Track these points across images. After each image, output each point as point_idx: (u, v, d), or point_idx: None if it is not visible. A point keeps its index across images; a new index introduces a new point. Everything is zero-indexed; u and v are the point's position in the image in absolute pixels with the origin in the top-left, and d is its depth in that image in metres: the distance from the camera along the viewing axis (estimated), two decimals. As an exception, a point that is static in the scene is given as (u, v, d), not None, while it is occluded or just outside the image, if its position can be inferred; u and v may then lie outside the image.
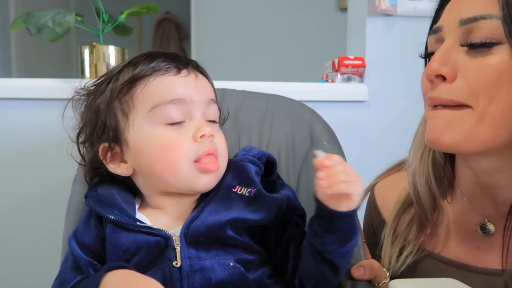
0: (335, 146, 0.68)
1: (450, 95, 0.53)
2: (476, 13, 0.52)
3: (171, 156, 0.55)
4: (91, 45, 0.98)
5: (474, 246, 0.62)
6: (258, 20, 2.40)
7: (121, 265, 0.50)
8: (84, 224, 0.58)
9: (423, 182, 0.64)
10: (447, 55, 0.53)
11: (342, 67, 1.12)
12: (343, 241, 0.52)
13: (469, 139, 0.52)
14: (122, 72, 0.59)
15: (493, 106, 0.51)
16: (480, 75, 0.51)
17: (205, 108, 0.59)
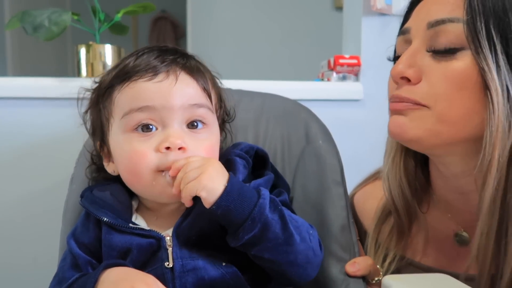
0: (330, 144, 0.69)
1: (410, 95, 0.55)
2: (444, 15, 0.53)
3: (134, 166, 0.54)
4: (88, 44, 0.98)
5: (453, 253, 0.63)
6: (254, 18, 2.40)
7: (119, 262, 0.51)
8: (82, 224, 0.59)
9: (396, 185, 0.65)
10: (413, 58, 0.55)
11: (337, 66, 1.13)
12: (238, 235, 0.50)
13: (430, 136, 0.54)
14: (108, 74, 0.59)
15: (454, 110, 0.52)
16: (443, 79, 0.53)
17: (186, 114, 0.55)
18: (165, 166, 0.53)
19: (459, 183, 0.60)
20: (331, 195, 0.64)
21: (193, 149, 0.55)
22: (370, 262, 0.60)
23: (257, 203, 0.50)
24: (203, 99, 0.58)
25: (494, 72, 0.50)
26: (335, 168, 0.66)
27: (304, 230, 0.54)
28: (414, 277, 0.52)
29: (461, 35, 0.52)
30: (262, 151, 0.64)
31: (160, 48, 0.59)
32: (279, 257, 0.51)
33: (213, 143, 0.59)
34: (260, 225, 0.50)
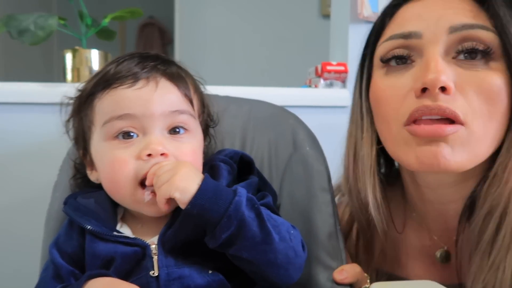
0: (317, 151, 0.69)
1: (454, 108, 0.49)
2: (470, 21, 0.50)
3: (114, 175, 0.54)
4: (74, 49, 0.97)
5: (437, 266, 0.63)
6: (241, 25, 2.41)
7: (102, 272, 0.50)
8: (65, 232, 0.58)
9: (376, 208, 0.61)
10: (443, 65, 0.50)
11: (325, 72, 1.14)
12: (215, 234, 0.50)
13: (470, 160, 0.51)
14: (90, 81, 0.59)
15: (489, 126, 0.50)
16: (480, 92, 0.49)
17: (168, 120, 0.55)
18: (144, 172, 0.53)
19: (443, 194, 0.60)
20: (318, 202, 0.64)
21: (176, 155, 0.55)
22: (358, 269, 0.59)
23: (232, 200, 0.50)
24: (184, 105, 0.57)
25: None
26: (322, 175, 0.66)
27: (284, 230, 0.53)
28: (402, 284, 0.53)
29: (492, 44, 0.50)
30: (247, 157, 0.64)
31: (141, 54, 0.59)
32: (257, 256, 0.51)
33: (196, 148, 0.58)
34: (237, 222, 0.49)
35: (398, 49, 0.55)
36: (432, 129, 0.49)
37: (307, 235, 0.62)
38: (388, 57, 0.56)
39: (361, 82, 0.62)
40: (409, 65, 0.54)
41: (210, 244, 0.51)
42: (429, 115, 0.50)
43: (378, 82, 0.58)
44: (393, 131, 0.54)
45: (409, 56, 0.54)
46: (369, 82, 0.60)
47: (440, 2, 0.54)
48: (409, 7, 0.56)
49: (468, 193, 0.56)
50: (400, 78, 0.54)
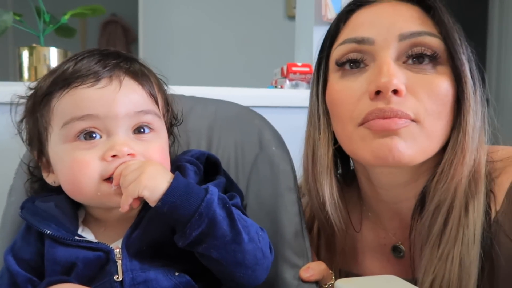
0: (283, 151, 0.70)
1: (404, 108, 0.52)
2: (419, 29, 0.55)
3: (75, 177, 0.52)
4: (31, 46, 0.93)
5: (392, 262, 0.65)
6: (207, 25, 2.40)
7: (63, 278, 0.48)
8: (22, 238, 0.55)
9: (334, 207, 0.63)
10: (395, 69, 0.53)
11: (290, 73, 1.15)
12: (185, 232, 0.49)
13: (419, 154, 0.54)
14: (45, 80, 0.55)
15: (438, 124, 0.54)
16: (429, 94, 0.53)
17: (132, 121, 0.53)
18: (109, 173, 0.51)
19: (396, 193, 0.62)
20: (284, 201, 0.64)
21: (143, 155, 0.53)
22: (323, 267, 0.61)
23: (204, 198, 0.50)
24: (149, 105, 0.56)
25: (470, 86, 0.54)
26: (288, 175, 0.67)
27: (253, 231, 0.53)
28: (364, 280, 0.54)
29: (438, 49, 0.54)
30: (214, 157, 0.64)
31: (101, 52, 0.56)
32: (226, 256, 0.51)
33: (163, 146, 0.57)
34: (208, 220, 0.49)
35: (352, 53, 0.57)
36: (385, 123, 0.52)
37: (273, 234, 0.62)
38: (343, 61, 0.58)
39: (318, 85, 0.64)
40: (363, 69, 0.57)
41: (179, 242, 0.51)
42: (382, 118, 0.53)
43: (334, 84, 0.60)
44: (349, 130, 0.57)
45: (363, 60, 0.57)
46: (325, 84, 0.63)
47: (390, 9, 0.57)
48: (361, 13, 0.59)
49: (420, 190, 0.59)
50: (354, 81, 0.57)
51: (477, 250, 0.54)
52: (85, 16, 1.02)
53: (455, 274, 0.54)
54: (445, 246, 0.55)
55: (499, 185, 0.57)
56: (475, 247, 0.54)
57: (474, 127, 0.54)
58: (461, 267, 0.54)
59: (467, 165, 0.54)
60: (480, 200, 0.55)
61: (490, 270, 0.55)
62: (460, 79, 0.54)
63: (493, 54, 2.64)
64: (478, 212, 0.55)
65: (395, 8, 0.57)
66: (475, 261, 0.54)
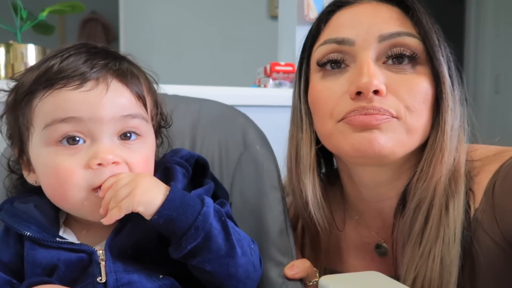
0: (267, 150, 0.70)
1: (386, 106, 0.54)
2: (398, 29, 0.56)
3: (61, 185, 0.50)
4: (7, 43, 0.91)
5: (375, 261, 0.66)
6: (190, 24, 2.38)
7: (44, 280, 0.47)
8: (1, 240, 0.53)
9: (317, 207, 0.64)
10: (375, 70, 0.55)
11: (273, 72, 1.16)
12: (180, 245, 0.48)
13: (399, 147, 0.55)
14: (28, 75, 0.53)
15: (419, 121, 0.55)
16: (410, 92, 0.55)
17: (118, 125, 0.51)
18: (97, 183, 0.50)
19: (378, 192, 0.63)
20: (268, 200, 0.64)
21: (127, 162, 0.52)
22: (308, 264, 0.61)
23: (201, 211, 0.49)
24: (137, 108, 0.53)
25: (448, 85, 0.55)
26: (272, 174, 0.67)
27: (246, 244, 0.53)
28: (348, 276, 0.55)
29: (417, 49, 0.55)
30: (203, 159, 0.63)
31: (89, 49, 0.53)
32: (220, 270, 0.50)
33: (148, 155, 0.55)
34: (204, 234, 0.48)
35: (333, 53, 0.58)
36: (366, 118, 0.54)
37: (258, 232, 0.62)
38: (324, 61, 0.59)
39: (300, 85, 0.65)
40: (344, 69, 0.58)
41: (173, 255, 0.50)
42: (364, 115, 0.54)
43: (316, 85, 0.61)
44: (328, 127, 0.58)
45: (343, 61, 0.58)
46: (307, 85, 0.63)
47: (370, 10, 0.58)
48: (342, 13, 0.60)
49: (402, 190, 0.60)
50: (335, 81, 0.58)
51: (457, 249, 0.55)
52: (64, 13, 1.00)
53: (436, 272, 0.55)
54: (426, 244, 0.56)
55: (478, 183, 0.58)
56: (455, 246, 0.55)
57: (452, 126, 0.56)
58: (442, 265, 0.55)
59: (446, 164, 0.56)
60: (460, 199, 0.56)
61: (470, 268, 0.56)
62: (438, 79, 0.55)
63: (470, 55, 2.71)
64: (458, 211, 0.56)
65: (375, 9, 0.58)
66: (455, 259, 0.55)
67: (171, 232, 0.49)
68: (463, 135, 0.59)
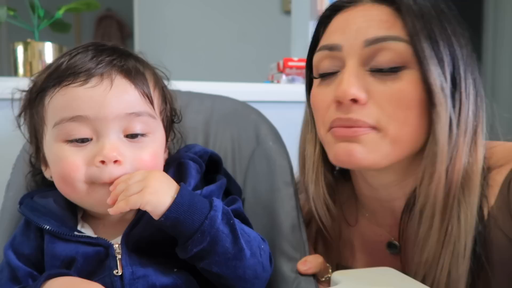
0: (280, 146, 0.70)
1: (363, 117, 0.53)
2: (383, 34, 0.53)
3: (66, 177, 0.51)
4: (25, 41, 0.93)
5: (386, 261, 0.65)
6: (203, 20, 2.38)
7: (63, 272, 0.48)
8: (22, 233, 0.55)
9: (320, 204, 0.64)
10: (357, 78, 0.53)
11: (286, 68, 1.15)
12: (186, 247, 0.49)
13: (384, 158, 0.54)
14: (41, 75, 0.55)
15: (404, 130, 0.53)
16: (391, 100, 0.53)
17: (123, 123, 0.52)
18: (100, 181, 0.51)
19: (387, 192, 0.62)
20: (281, 195, 0.65)
21: (132, 160, 0.52)
22: (320, 260, 0.61)
23: (208, 215, 0.49)
24: (142, 105, 0.54)
25: (439, 90, 0.51)
26: (285, 169, 0.67)
27: (255, 245, 0.53)
28: (361, 272, 0.55)
29: (404, 54, 0.52)
30: (216, 156, 0.64)
31: (96, 47, 0.54)
32: (227, 271, 0.51)
33: (155, 152, 0.55)
34: (210, 238, 0.49)
35: (326, 60, 0.58)
36: (345, 131, 0.54)
37: (271, 228, 0.63)
38: (318, 67, 0.60)
39: (306, 85, 0.66)
40: (335, 75, 0.58)
41: (180, 255, 0.51)
42: (343, 127, 0.54)
43: (314, 89, 0.61)
44: (322, 134, 0.60)
45: (336, 67, 0.57)
46: (311, 87, 0.64)
47: (361, 13, 0.57)
48: (337, 18, 0.59)
49: (411, 190, 0.59)
50: (327, 87, 0.58)
51: (467, 265, 0.53)
52: (80, 11, 1.01)
53: (442, 283, 0.55)
54: (430, 251, 0.55)
55: (494, 180, 0.57)
56: (465, 261, 0.53)
57: (449, 134, 0.52)
58: (449, 278, 0.54)
59: (439, 173, 0.53)
60: (472, 211, 0.54)
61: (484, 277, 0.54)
62: (427, 84, 0.52)
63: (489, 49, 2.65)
64: (471, 225, 0.53)
65: (366, 13, 0.56)
66: (463, 275, 0.54)
67: (177, 234, 0.49)
68: (479, 138, 0.55)
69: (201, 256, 0.50)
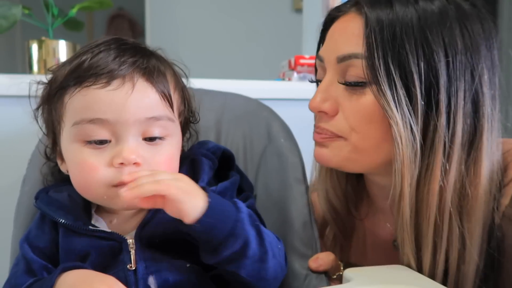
0: (291, 143, 0.70)
1: (329, 127, 0.58)
2: (349, 50, 0.55)
3: (84, 179, 0.52)
4: (40, 39, 0.94)
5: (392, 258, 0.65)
6: (214, 18, 2.39)
7: (77, 265, 0.49)
8: (37, 227, 0.56)
9: (324, 200, 0.68)
10: (328, 91, 0.57)
11: (298, 66, 1.15)
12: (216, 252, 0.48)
13: (348, 163, 0.58)
14: (61, 69, 0.54)
15: (366, 141, 0.56)
16: (355, 113, 0.55)
17: (143, 127, 0.52)
18: (119, 181, 0.50)
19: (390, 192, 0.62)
20: (292, 192, 0.65)
21: (150, 162, 0.52)
22: (332, 257, 0.61)
23: (238, 218, 0.49)
24: (162, 109, 0.53)
25: (394, 107, 0.51)
26: (297, 166, 0.67)
27: (275, 245, 0.53)
28: (373, 269, 0.54)
29: (363, 72, 0.53)
30: (229, 152, 0.64)
31: (119, 45, 0.54)
32: (252, 274, 0.50)
33: (173, 154, 0.55)
34: (241, 241, 0.48)
35: (319, 68, 0.62)
36: (315, 136, 0.61)
37: (282, 224, 0.63)
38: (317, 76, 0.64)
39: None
40: None
41: (207, 260, 0.50)
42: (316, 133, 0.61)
43: None
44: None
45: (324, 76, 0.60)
46: None
47: (342, 25, 0.58)
48: (331, 28, 0.61)
49: None
50: None
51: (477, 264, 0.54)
52: (93, 9, 1.02)
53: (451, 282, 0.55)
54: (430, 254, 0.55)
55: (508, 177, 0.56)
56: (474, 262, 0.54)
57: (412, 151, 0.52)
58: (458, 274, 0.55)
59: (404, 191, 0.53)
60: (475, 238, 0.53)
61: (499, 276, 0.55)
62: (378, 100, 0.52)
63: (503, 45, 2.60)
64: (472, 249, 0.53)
65: (345, 25, 0.58)
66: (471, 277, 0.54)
67: (207, 238, 0.48)
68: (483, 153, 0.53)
69: (231, 260, 0.48)
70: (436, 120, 0.51)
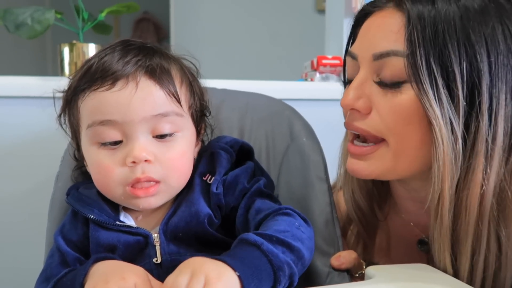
0: (313, 142, 0.70)
1: (365, 126, 0.55)
2: (388, 47, 0.53)
3: (103, 179, 0.54)
4: (71, 43, 0.98)
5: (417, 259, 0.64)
6: (238, 20, 2.42)
7: (109, 256, 0.51)
8: (70, 221, 0.59)
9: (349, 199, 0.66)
10: (362, 88, 0.55)
11: (320, 66, 1.15)
12: None
13: (387, 172, 0.56)
14: (74, 76, 0.56)
15: (405, 144, 0.53)
16: (391, 113, 0.53)
17: (151, 124, 0.53)
18: (133, 180, 0.52)
19: (420, 195, 0.61)
20: (315, 191, 0.65)
21: (162, 159, 0.53)
22: (354, 255, 0.61)
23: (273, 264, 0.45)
24: (168, 105, 0.54)
25: (435, 107, 0.50)
26: (319, 165, 0.68)
27: (305, 237, 0.52)
28: (395, 267, 0.54)
29: (404, 69, 0.51)
30: (248, 145, 0.64)
31: (124, 47, 0.55)
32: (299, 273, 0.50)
33: (184, 149, 0.56)
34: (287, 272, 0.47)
35: (350, 66, 0.60)
36: (354, 150, 0.58)
37: (304, 223, 0.63)
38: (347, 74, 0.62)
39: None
40: None
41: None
42: (352, 145, 0.59)
43: None
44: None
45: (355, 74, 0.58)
46: None
47: (378, 21, 0.56)
48: (364, 23, 0.59)
49: None
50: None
51: None
52: (121, 13, 1.05)
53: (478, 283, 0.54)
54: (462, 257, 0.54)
55: None
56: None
57: (453, 152, 0.50)
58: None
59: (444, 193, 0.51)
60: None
61: None
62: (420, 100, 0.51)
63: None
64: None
65: (382, 21, 0.55)
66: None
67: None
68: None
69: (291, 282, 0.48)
70: (479, 121, 0.50)
